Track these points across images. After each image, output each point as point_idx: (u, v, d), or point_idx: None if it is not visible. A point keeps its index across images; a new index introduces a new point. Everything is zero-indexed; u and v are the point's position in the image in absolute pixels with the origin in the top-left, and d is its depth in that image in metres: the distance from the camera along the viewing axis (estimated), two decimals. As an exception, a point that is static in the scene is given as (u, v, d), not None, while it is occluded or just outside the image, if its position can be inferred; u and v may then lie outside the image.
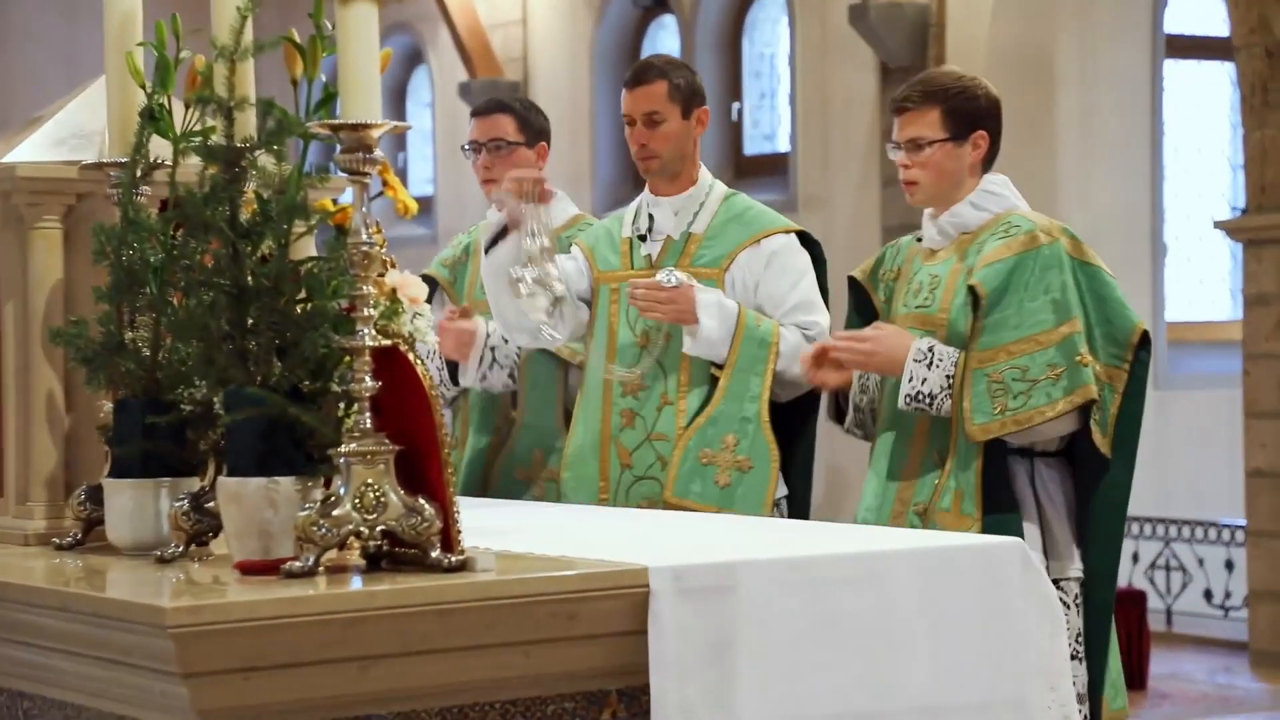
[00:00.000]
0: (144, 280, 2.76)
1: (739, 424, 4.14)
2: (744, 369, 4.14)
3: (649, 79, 4.31)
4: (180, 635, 2.22)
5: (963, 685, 2.61)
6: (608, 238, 4.39)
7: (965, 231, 3.80)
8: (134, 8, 2.95)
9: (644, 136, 4.27)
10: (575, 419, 4.33)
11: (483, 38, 14.23)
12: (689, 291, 4.13)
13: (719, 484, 4.12)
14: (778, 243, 4.28)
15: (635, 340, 4.23)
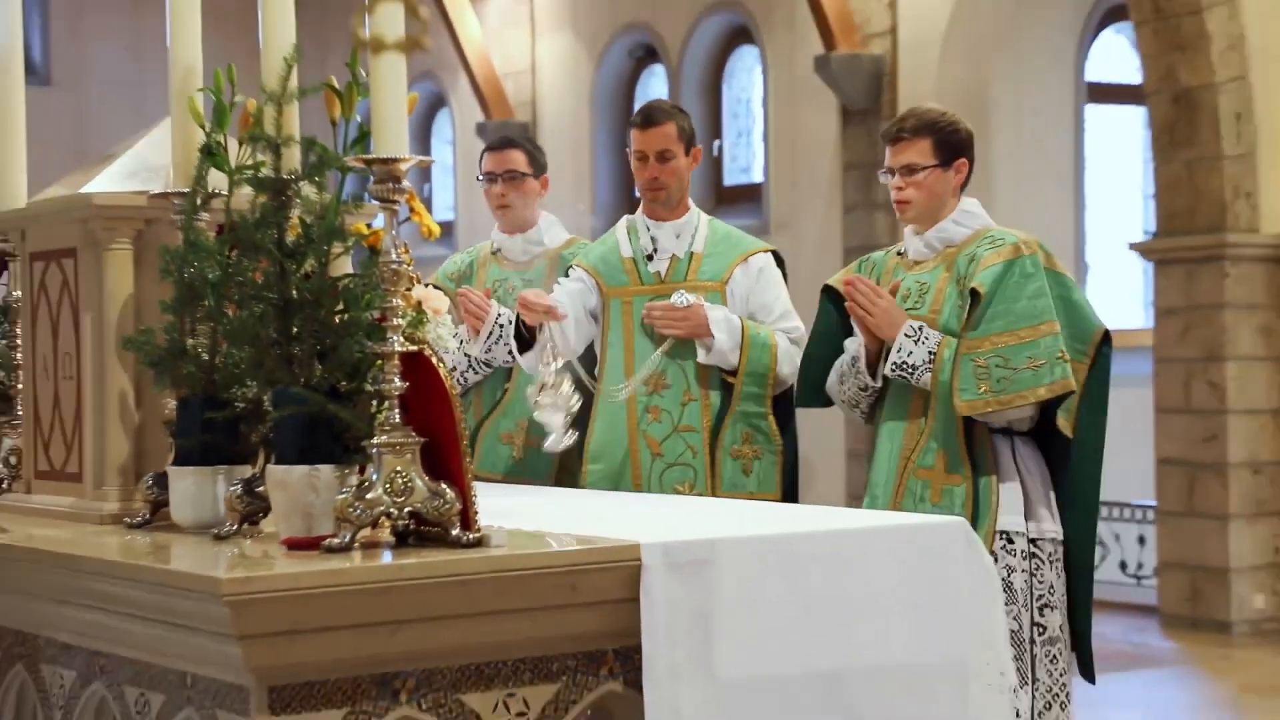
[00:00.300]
0: (203, 294, 2.76)
1: (752, 420, 4.24)
2: (752, 372, 4.23)
3: (661, 121, 4.36)
4: (234, 602, 2.21)
5: (914, 646, 2.60)
6: (609, 258, 4.39)
7: (950, 245, 3.90)
8: (195, 59, 2.94)
9: (656, 171, 4.32)
10: (595, 418, 4.29)
11: (497, 84, 14.24)
12: (701, 310, 4.22)
13: (745, 473, 4.23)
14: (762, 260, 4.39)
15: (651, 346, 4.26)
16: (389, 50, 2.36)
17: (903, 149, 3.90)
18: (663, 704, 2.42)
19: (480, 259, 4.88)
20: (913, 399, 3.86)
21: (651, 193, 4.35)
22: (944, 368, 3.78)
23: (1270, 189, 8.90)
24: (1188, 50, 8.74)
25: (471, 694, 2.38)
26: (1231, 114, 8.76)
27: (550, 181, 5.13)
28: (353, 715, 2.30)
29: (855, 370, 3.93)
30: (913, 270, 3.93)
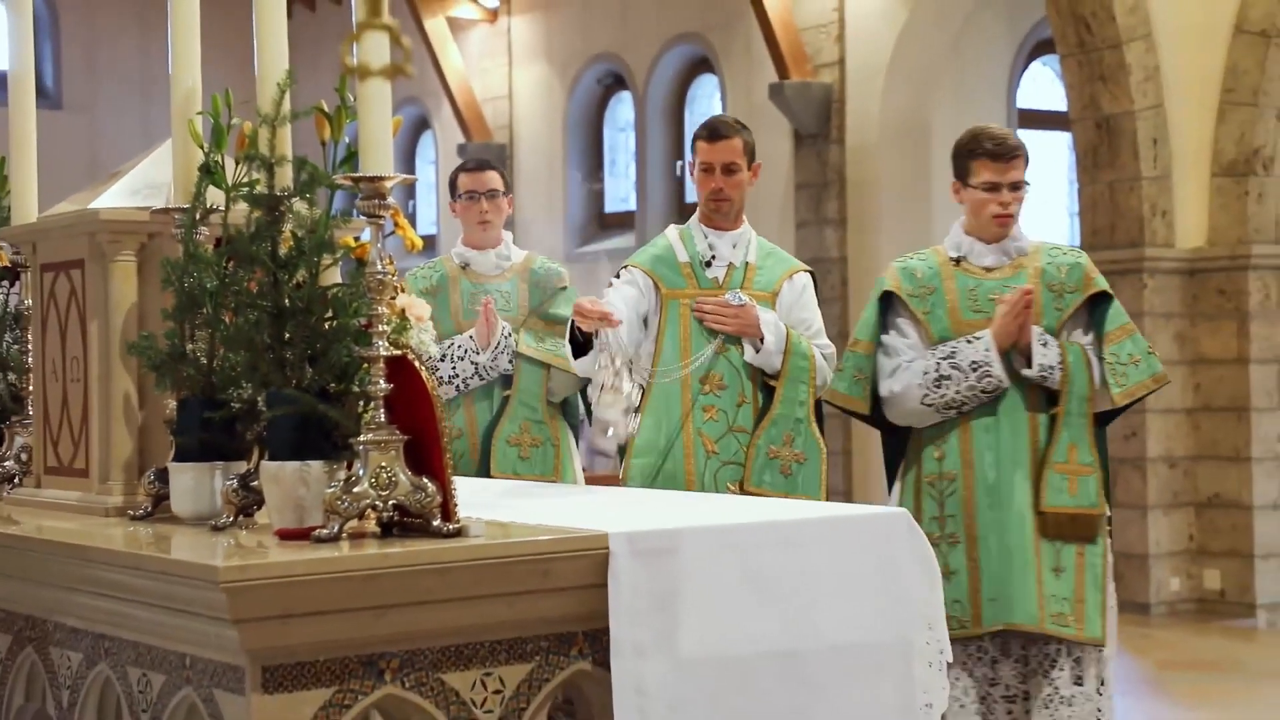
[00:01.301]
0: (202, 302, 2.73)
1: (793, 424, 4.09)
2: (793, 378, 4.10)
3: (729, 135, 4.21)
4: (231, 589, 2.19)
5: (862, 627, 2.60)
6: (666, 263, 4.22)
7: (1021, 254, 3.94)
8: (195, 84, 2.92)
9: (722, 183, 4.19)
10: (645, 414, 4.07)
11: (477, 109, 14.22)
12: (753, 310, 4.10)
13: (784, 474, 4.07)
14: (804, 278, 4.30)
15: (707, 346, 4.11)
16: (375, 76, 2.34)
17: (1015, 166, 3.89)
18: (628, 682, 2.41)
19: (449, 274, 4.85)
20: (1030, 398, 3.85)
21: (715, 204, 4.21)
22: (1075, 369, 3.81)
23: (1184, 207, 8.95)
24: (1109, 80, 8.78)
25: (451, 673, 2.36)
26: (1149, 139, 8.81)
27: (526, 199, 5.14)
28: (341, 694, 2.28)
29: (981, 374, 3.82)
30: (989, 277, 3.92)
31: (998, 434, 3.85)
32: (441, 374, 4.65)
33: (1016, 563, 3.84)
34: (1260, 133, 8.85)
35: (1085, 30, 8.76)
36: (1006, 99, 11.65)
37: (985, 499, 3.86)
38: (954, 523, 3.89)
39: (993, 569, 3.86)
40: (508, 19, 14.11)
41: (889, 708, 2.61)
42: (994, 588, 3.86)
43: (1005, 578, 3.85)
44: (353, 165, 2.59)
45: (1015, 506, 3.85)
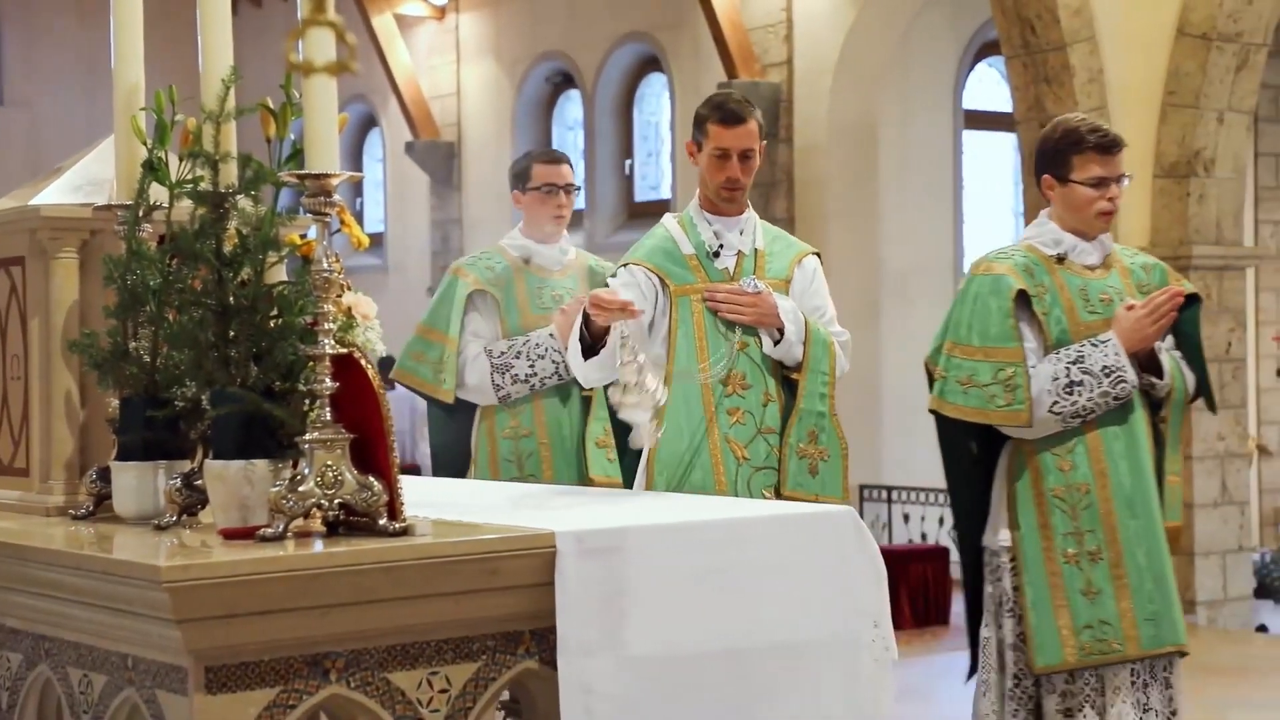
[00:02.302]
0: (145, 300, 2.71)
1: (816, 419, 3.80)
2: (814, 370, 3.80)
3: (747, 118, 3.84)
4: (173, 588, 2.17)
5: (807, 624, 2.61)
6: (670, 256, 3.86)
7: (1107, 253, 3.73)
8: (138, 80, 2.89)
9: (738, 171, 3.82)
10: (664, 423, 3.73)
11: (424, 107, 14.17)
12: (770, 298, 3.79)
13: (811, 474, 3.78)
14: (813, 261, 3.99)
15: (726, 345, 3.78)
16: (319, 73, 2.33)
17: (1120, 159, 3.66)
18: (575, 680, 2.41)
19: (512, 267, 4.58)
20: (1142, 406, 3.64)
21: (729, 192, 3.84)
22: (1176, 376, 3.65)
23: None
24: (1053, 82, 8.86)
25: (398, 673, 2.35)
26: (1094, 140, 8.88)
27: (474, 198, 5.06)
28: (285, 694, 2.27)
29: (1115, 379, 3.55)
30: (1095, 276, 3.69)
31: (1129, 442, 3.61)
32: (517, 372, 4.46)
33: (1169, 577, 3.64)
34: (1201, 135, 8.96)
35: (1030, 32, 8.84)
36: (953, 100, 11.73)
37: (1125, 511, 3.60)
38: (1093, 538, 3.60)
39: (1146, 586, 3.60)
40: (456, 16, 14.07)
41: (836, 705, 2.62)
42: (1152, 606, 3.61)
43: (1165, 595, 3.62)
44: (298, 162, 2.58)
45: (1155, 518, 3.63)
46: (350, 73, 1.70)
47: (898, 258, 10.93)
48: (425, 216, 14.49)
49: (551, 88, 13.72)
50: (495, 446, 4.54)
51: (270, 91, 2.70)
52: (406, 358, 4.62)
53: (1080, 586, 3.59)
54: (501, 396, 4.51)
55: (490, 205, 13.87)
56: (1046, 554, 3.60)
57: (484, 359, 4.52)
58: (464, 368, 4.53)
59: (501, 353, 4.52)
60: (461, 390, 4.53)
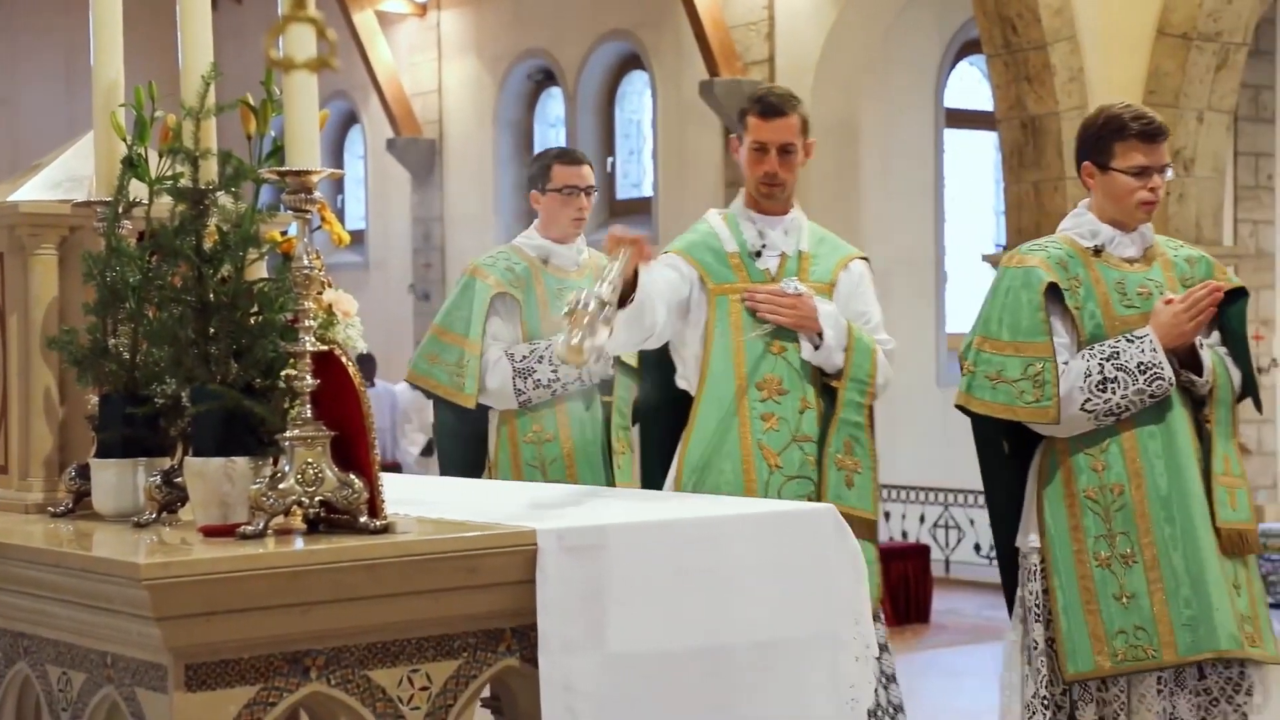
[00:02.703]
0: (124, 297, 2.70)
1: (853, 429, 3.68)
2: (855, 378, 3.67)
3: (787, 111, 3.72)
4: (153, 586, 2.16)
5: (788, 622, 2.62)
6: (712, 253, 3.74)
7: (1148, 245, 3.61)
8: (117, 76, 2.89)
9: (776, 165, 3.71)
10: (695, 426, 3.65)
11: (406, 104, 14.15)
12: (811, 300, 3.66)
13: (848, 486, 3.65)
14: (860, 266, 3.87)
15: (764, 348, 3.67)
16: (300, 69, 2.32)
17: (1163, 147, 3.53)
18: (556, 678, 2.41)
19: (531, 268, 4.48)
20: (1185, 405, 3.50)
21: (767, 188, 3.73)
22: (1219, 374, 3.50)
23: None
24: (1034, 81, 8.89)
25: (378, 670, 2.35)
26: (1073, 139, 8.92)
27: (455, 195, 5.01)
28: (265, 691, 2.27)
29: (1150, 375, 3.42)
30: (1134, 269, 3.56)
31: (1167, 441, 3.46)
32: (540, 376, 4.35)
33: (1211, 581, 3.45)
34: (1181, 134, 8.99)
35: (1011, 31, 8.87)
36: (934, 98, 11.76)
37: (1160, 513, 3.46)
38: (1127, 540, 3.47)
39: (1184, 590, 3.45)
40: (437, 13, 14.05)
41: (816, 702, 2.63)
42: (1189, 611, 3.45)
43: (1204, 599, 3.44)
44: (279, 159, 2.57)
45: (1195, 520, 3.46)
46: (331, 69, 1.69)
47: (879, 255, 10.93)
48: (406, 214, 14.47)
49: (533, 85, 13.71)
50: (518, 451, 4.40)
51: (251, 88, 2.70)
52: (421, 360, 4.48)
53: (1113, 591, 3.46)
54: (522, 401, 4.38)
55: (472, 203, 13.85)
56: (1078, 557, 3.49)
57: (505, 363, 4.39)
58: (484, 372, 4.38)
59: (524, 356, 4.39)
60: (482, 395, 4.40)
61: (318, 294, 2.49)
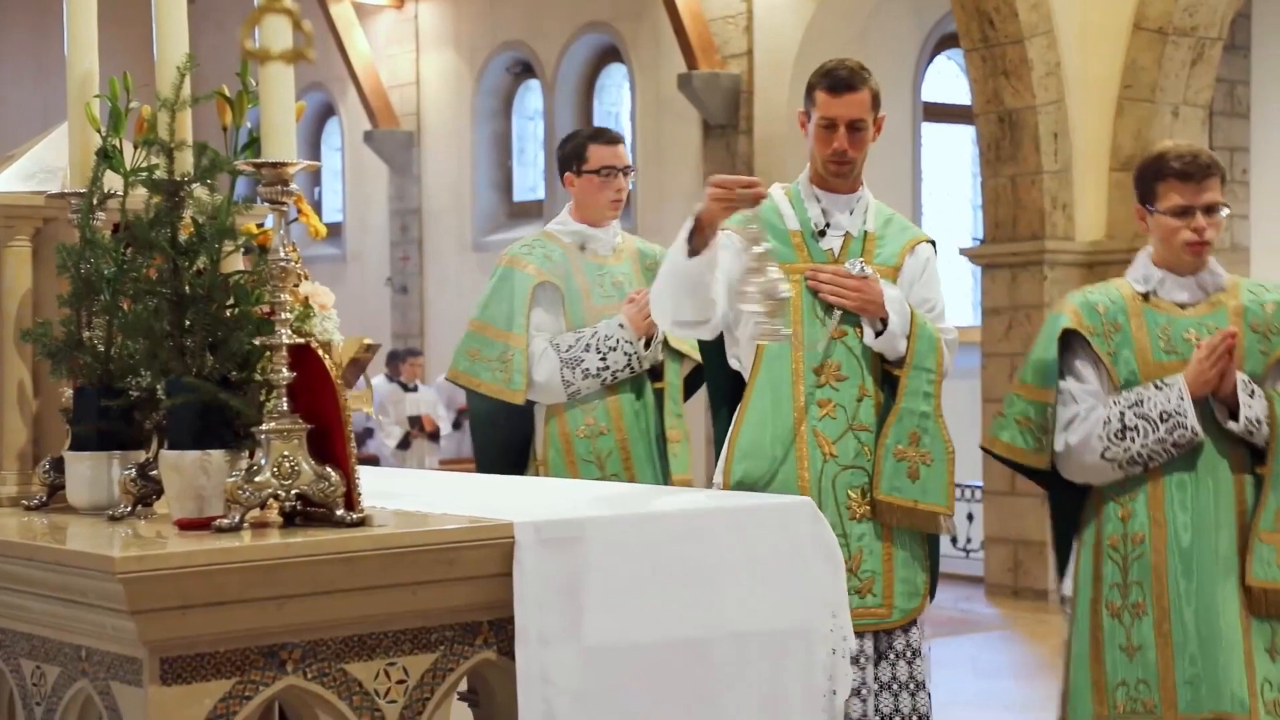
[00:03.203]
0: (99, 289, 2.68)
1: (919, 420, 3.49)
2: (918, 366, 3.49)
3: (857, 86, 3.53)
4: (128, 579, 2.15)
5: (765, 615, 2.62)
6: (773, 230, 3.51)
7: (1220, 290, 3.46)
8: (92, 67, 2.87)
9: (845, 142, 3.52)
10: (748, 409, 3.48)
11: (384, 96, 14.10)
12: (877, 283, 3.48)
13: (910, 478, 3.48)
14: (927, 250, 3.67)
15: (823, 330, 3.49)
16: (275, 61, 2.31)
17: (1208, 186, 3.38)
18: (533, 670, 2.41)
19: (568, 254, 4.28)
20: (1233, 455, 3.37)
21: (836, 166, 3.54)
22: None
23: (1084, 201, 9.12)
24: (1011, 75, 8.91)
25: (355, 663, 2.34)
26: (1050, 134, 8.95)
27: (434, 188, 4.92)
28: (241, 685, 2.26)
29: (1172, 424, 3.33)
30: (1184, 314, 3.44)
31: (1195, 492, 3.36)
32: (589, 366, 4.17)
33: (1224, 641, 3.33)
34: (1157, 128, 9.03)
35: (989, 26, 8.88)
36: (912, 92, 11.79)
37: (1179, 565, 3.36)
38: (1139, 590, 3.39)
39: (1191, 647, 3.35)
40: (415, 5, 14.01)
41: (794, 695, 2.63)
42: (1193, 669, 3.35)
43: (1210, 657, 3.34)
44: (255, 151, 2.56)
45: (1217, 575, 3.35)
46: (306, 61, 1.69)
47: (857, 249, 10.99)
48: (384, 206, 14.43)
49: (511, 78, 13.69)
50: (570, 446, 4.21)
51: (226, 79, 2.69)
52: (462, 357, 4.28)
53: (1120, 642, 3.41)
54: (571, 393, 4.20)
55: (449, 195, 13.82)
56: (1093, 606, 3.44)
57: (552, 354, 4.20)
58: (531, 365, 4.20)
59: (569, 346, 4.20)
60: (529, 389, 4.21)
61: (294, 286, 2.48)
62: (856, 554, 3.51)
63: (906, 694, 3.59)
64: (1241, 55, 11.55)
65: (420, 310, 14.21)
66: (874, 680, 3.53)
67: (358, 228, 14.87)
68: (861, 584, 3.50)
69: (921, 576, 3.59)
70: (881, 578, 3.52)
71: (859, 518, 3.52)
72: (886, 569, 3.53)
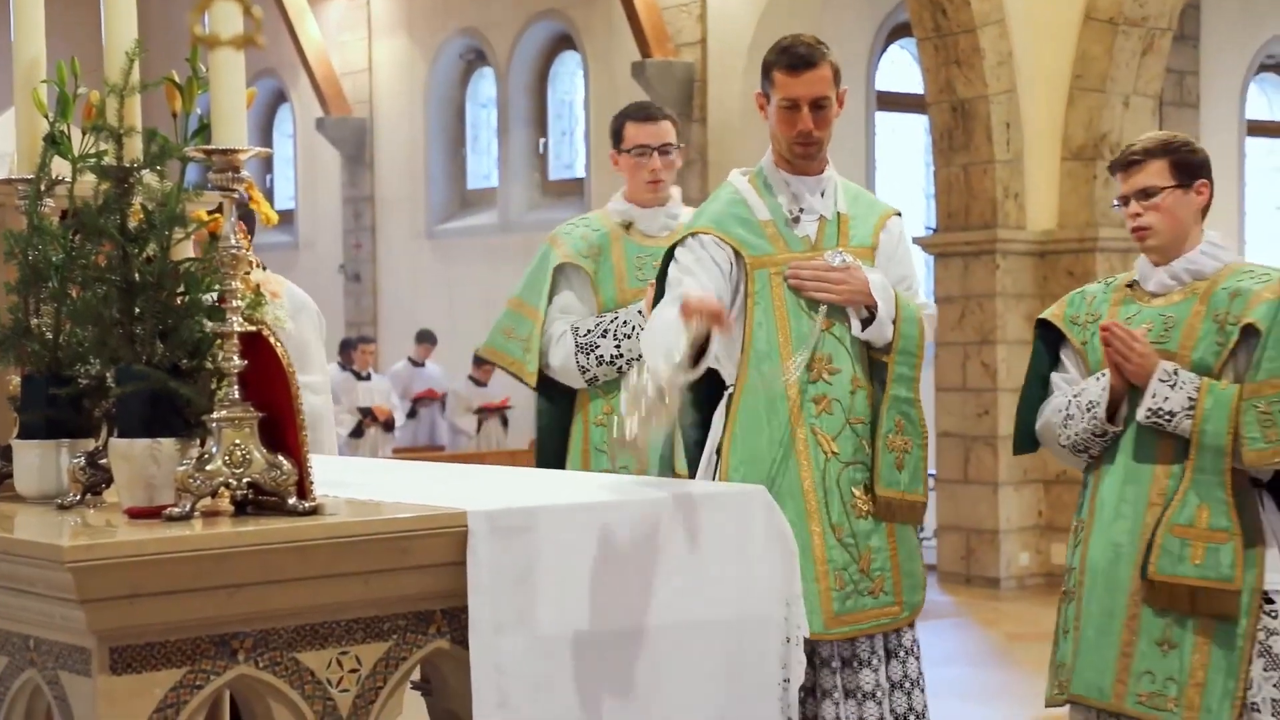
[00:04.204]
0: (47, 276, 2.66)
1: (902, 406, 3.37)
2: (905, 350, 3.37)
3: (816, 62, 3.34)
4: (77, 569, 2.14)
5: (718, 604, 2.63)
6: (743, 223, 3.39)
7: (1200, 278, 3.37)
8: (39, 52, 2.84)
9: (810, 123, 3.35)
10: (739, 413, 3.34)
11: (336, 83, 14.02)
12: (859, 272, 3.34)
13: (898, 468, 3.36)
14: (899, 224, 3.52)
15: (810, 325, 3.34)
16: (225, 46, 2.30)
17: (1136, 173, 3.36)
18: (487, 659, 2.41)
19: (610, 234, 4.14)
20: (1160, 446, 3.31)
21: (803, 148, 3.38)
22: (1211, 416, 3.22)
23: (1035, 190, 9.18)
24: (964, 65, 8.96)
25: (307, 652, 2.34)
26: (1002, 123, 9.01)
27: (387, 175, 4.86)
28: (192, 674, 2.25)
29: (1091, 414, 3.35)
30: (1154, 304, 3.39)
31: (1118, 483, 3.36)
32: (603, 352, 4.06)
33: (1096, 627, 3.37)
34: (1108, 118, 9.11)
35: (941, 15, 8.93)
36: (866, 81, 11.83)
37: (1107, 553, 3.37)
38: (1073, 577, 3.44)
39: (1086, 633, 3.40)
40: (368, -9, 13.93)
41: (748, 683, 2.65)
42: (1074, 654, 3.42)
43: (1084, 642, 3.39)
44: (205, 137, 2.55)
45: (1119, 566, 3.35)
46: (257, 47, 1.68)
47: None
48: (336, 193, 14.36)
49: (464, 64, 13.64)
50: (588, 435, 4.12)
51: (176, 65, 2.67)
52: (497, 334, 4.20)
53: (1062, 624, 3.48)
54: (589, 379, 4.09)
55: (403, 182, 13.76)
56: (1062, 590, 3.52)
57: (569, 338, 4.10)
58: (548, 347, 4.11)
59: (588, 331, 4.10)
60: (549, 372, 4.14)
61: (245, 274, 2.47)
62: (866, 554, 3.37)
63: (918, 690, 3.47)
64: (1191, 46, 11.66)
65: (373, 298, 14.15)
66: (885, 680, 3.41)
67: (310, 215, 14.80)
68: (874, 584, 3.37)
69: (920, 567, 3.48)
70: (890, 575, 3.39)
71: (864, 515, 3.37)
72: (894, 565, 3.40)
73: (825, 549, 3.31)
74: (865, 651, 3.34)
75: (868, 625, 3.33)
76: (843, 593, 3.31)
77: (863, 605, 3.32)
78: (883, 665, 3.40)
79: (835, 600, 3.28)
